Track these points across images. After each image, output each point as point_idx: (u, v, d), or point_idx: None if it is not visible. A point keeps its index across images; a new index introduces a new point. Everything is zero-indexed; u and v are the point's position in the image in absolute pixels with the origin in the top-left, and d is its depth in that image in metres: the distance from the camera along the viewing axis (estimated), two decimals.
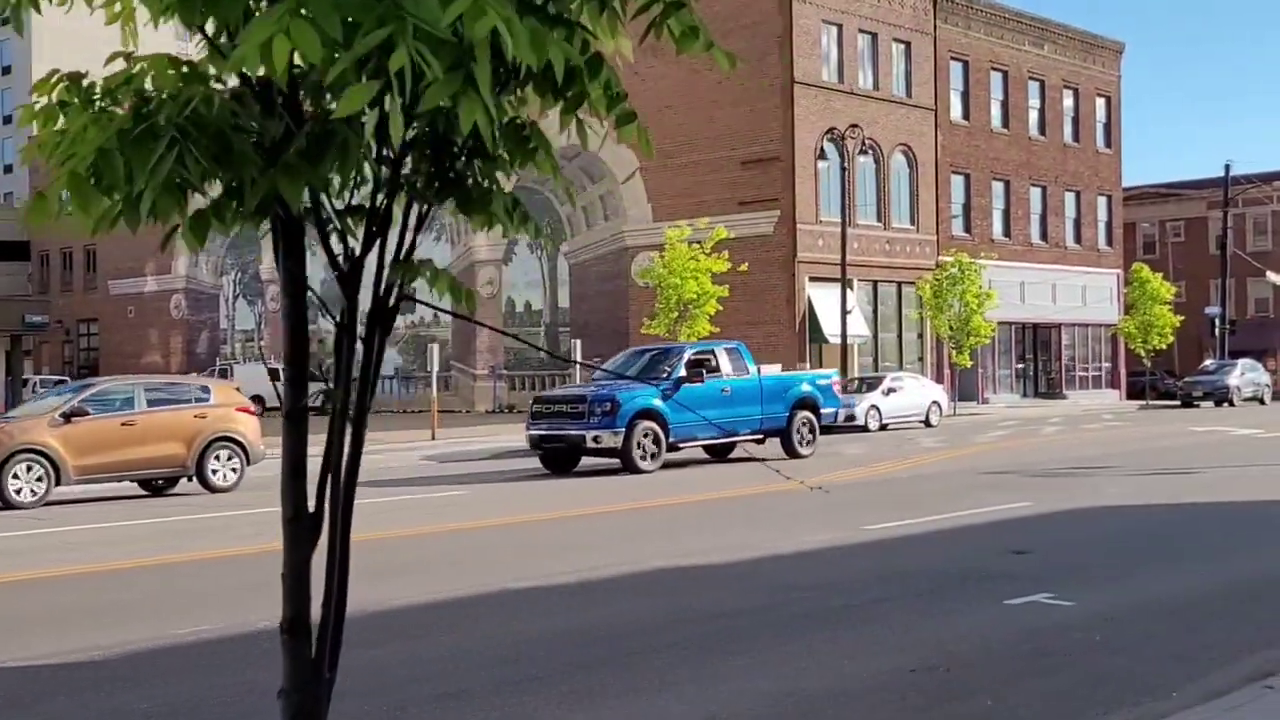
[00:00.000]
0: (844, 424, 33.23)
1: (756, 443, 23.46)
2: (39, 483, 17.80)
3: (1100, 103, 55.17)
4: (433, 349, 34.83)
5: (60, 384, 36.42)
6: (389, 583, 10.03)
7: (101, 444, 18.38)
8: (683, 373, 22.54)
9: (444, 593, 9.97)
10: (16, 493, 17.58)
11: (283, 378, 3.05)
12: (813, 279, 41.58)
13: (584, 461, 22.54)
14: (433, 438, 31.36)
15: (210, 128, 2.68)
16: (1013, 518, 14.07)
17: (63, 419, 18.19)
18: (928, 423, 35.50)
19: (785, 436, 23.92)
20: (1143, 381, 53.43)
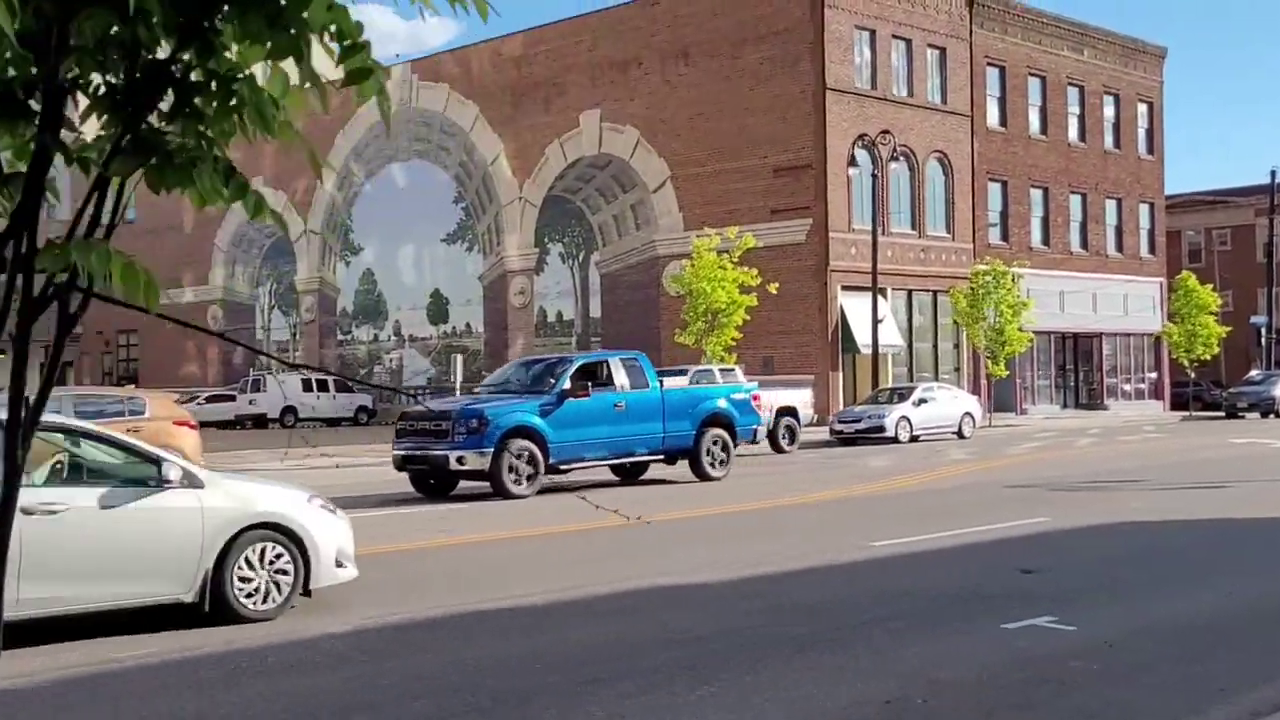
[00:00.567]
0: (874, 436, 32.71)
1: (666, 463, 21.58)
2: None
3: (1142, 109, 54.19)
4: (456, 359, 34.60)
5: None
6: None
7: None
8: (567, 385, 19.74)
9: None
10: None
11: None
12: (845, 288, 40.97)
13: (462, 485, 19.83)
14: None
15: None
16: (1028, 534, 13.50)
17: None
18: (960, 434, 34.74)
19: (694, 457, 21.37)
20: (1187, 392, 52.34)
